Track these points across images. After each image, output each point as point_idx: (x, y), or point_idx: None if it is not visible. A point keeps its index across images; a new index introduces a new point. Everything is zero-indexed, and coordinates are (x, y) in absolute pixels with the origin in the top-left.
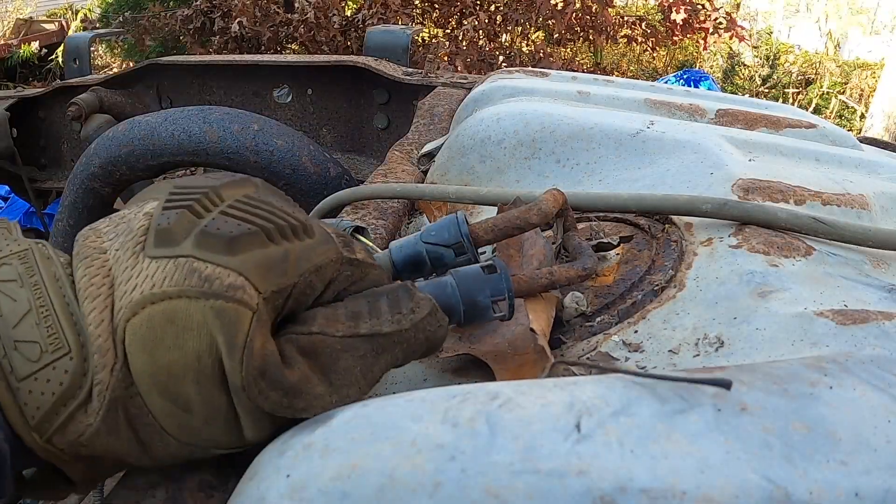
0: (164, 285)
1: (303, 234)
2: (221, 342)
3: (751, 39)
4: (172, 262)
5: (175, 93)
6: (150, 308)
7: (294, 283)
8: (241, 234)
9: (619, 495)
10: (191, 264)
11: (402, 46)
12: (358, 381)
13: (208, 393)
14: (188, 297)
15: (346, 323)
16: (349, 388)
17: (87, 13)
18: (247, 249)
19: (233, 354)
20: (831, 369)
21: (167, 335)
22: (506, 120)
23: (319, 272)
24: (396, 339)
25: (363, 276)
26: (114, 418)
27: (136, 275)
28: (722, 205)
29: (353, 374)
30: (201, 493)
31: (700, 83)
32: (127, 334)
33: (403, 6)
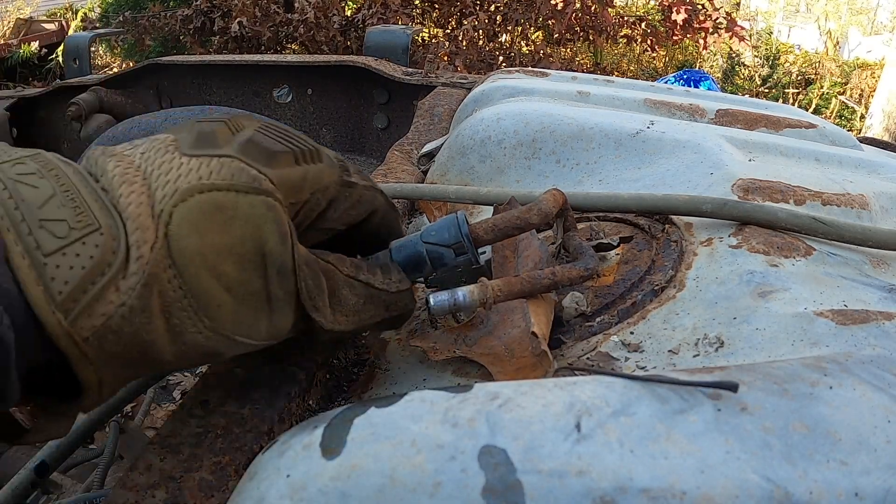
0: (212, 178)
1: (316, 159)
2: (272, 231)
3: (751, 39)
4: (217, 160)
5: (175, 93)
6: (199, 196)
7: (306, 200)
8: (279, 151)
9: (619, 495)
10: (238, 164)
11: (402, 46)
12: (349, 315)
13: (248, 275)
14: (237, 191)
15: (350, 268)
16: (342, 316)
17: (87, 13)
18: (281, 166)
19: (284, 241)
20: (831, 369)
21: (216, 220)
22: (506, 120)
23: (325, 192)
24: (382, 297)
25: (357, 197)
26: (147, 298)
27: (176, 168)
28: (722, 205)
29: (347, 306)
30: (201, 493)
31: (700, 83)
32: (174, 217)
33: (403, 6)
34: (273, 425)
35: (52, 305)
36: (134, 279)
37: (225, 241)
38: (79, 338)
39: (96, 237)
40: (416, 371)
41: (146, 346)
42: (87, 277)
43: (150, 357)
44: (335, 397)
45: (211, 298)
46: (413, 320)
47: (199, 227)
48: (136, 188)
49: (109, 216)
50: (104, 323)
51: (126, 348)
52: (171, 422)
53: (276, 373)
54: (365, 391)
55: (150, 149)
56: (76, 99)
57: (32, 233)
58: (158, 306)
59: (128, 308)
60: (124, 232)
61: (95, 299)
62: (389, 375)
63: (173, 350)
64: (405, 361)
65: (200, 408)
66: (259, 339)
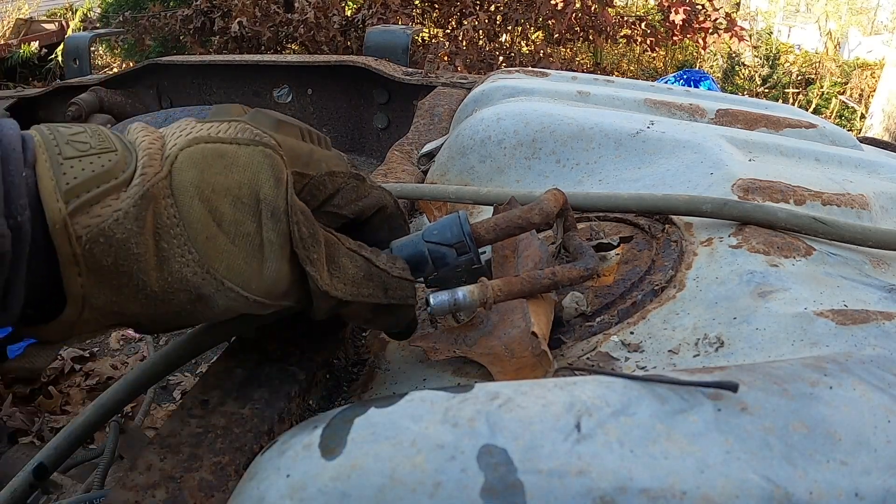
0: (220, 134)
1: (325, 145)
2: (267, 176)
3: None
4: (227, 123)
5: (175, 93)
6: (205, 145)
7: (312, 176)
8: (285, 121)
9: (619, 495)
10: (243, 125)
11: (402, 46)
12: (347, 283)
13: (241, 215)
14: (239, 144)
15: (353, 244)
16: (339, 283)
17: (87, 13)
18: (287, 133)
19: (279, 185)
20: (831, 369)
21: (216, 164)
22: (506, 120)
23: (332, 176)
24: (383, 278)
25: (367, 192)
26: (142, 209)
27: (190, 127)
28: (722, 205)
29: (347, 275)
30: (201, 493)
31: (700, 83)
32: (179, 157)
33: (403, 6)
34: (273, 425)
35: (58, 193)
36: (134, 190)
37: (223, 182)
38: (73, 232)
39: (111, 155)
40: (416, 371)
41: (134, 262)
42: (94, 180)
43: (137, 282)
44: (335, 397)
45: (201, 229)
46: None
47: (199, 165)
48: (153, 136)
49: (126, 149)
50: (98, 224)
51: (115, 262)
52: (171, 422)
53: (276, 373)
54: (365, 391)
55: (176, 123)
56: (76, 99)
57: (59, 145)
58: (151, 225)
59: (123, 213)
60: (136, 159)
61: (96, 199)
62: (389, 375)
63: (160, 278)
64: (405, 361)
65: (200, 408)
66: (250, 289)
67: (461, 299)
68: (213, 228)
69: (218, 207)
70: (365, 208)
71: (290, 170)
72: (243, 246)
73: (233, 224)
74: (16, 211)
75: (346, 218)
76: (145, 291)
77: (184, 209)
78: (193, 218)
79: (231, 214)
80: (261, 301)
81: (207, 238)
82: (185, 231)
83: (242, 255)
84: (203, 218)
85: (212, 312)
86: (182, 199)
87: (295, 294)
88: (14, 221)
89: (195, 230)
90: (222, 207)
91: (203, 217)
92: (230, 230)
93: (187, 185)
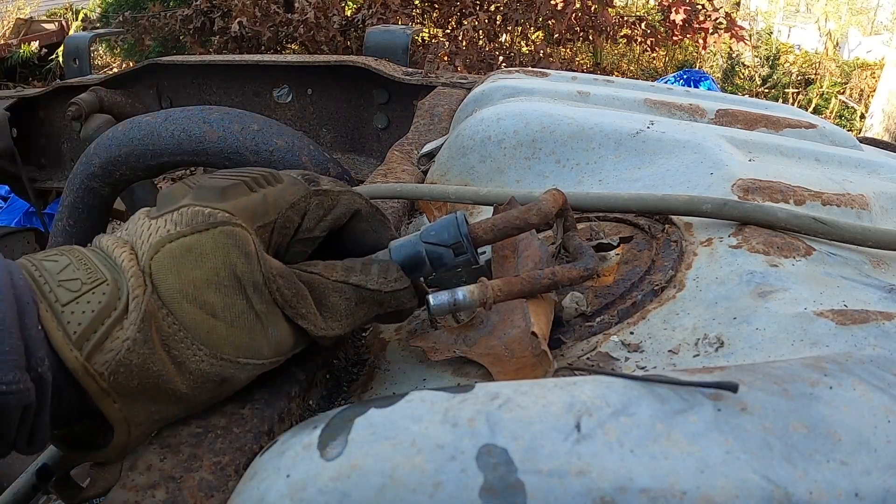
0: (176, 228)
1: (274, 181)
2: (237, 255)
3: (751, 39)
4: (177, 212)
5: (175, 93)
6: (168, 246)
7: (275, 220)
8: (229, 185)
9: (619, 495)
10: (192, 209)
11: (402, 46)
12: (342, 319)
13: (229, 298)
14: (198, 232)
15: (340, 272)
16: (334, 322)
17: (87, 13)
18: (234, 196)
19: (250, 260)
20: (831, 369)
21: (188, 260)
22: (506, 120)
23: (294, 207)
24: (376, 297)
25: (335, 201)
26: (147, 332)
27: (147, 230)
28: (722, 205)
29: (339, 312)
30: (201, 493)
31: (700, 83)
32: (153, 267)
33: (403, 6)
34: (273, 425)
35: (70, 343)
36: (134, 315)
37: (200, 275)
38: (95, 372)
39: (104, 287)
40: (416, 371)
41: (157, 377)
42: (97, 318)
43: (165, 390)
44: (335, 397)
45: (200, 326)
46: (413, 320)
47: (174, 269)
48: (126, 251)
49: (113, 272)
50: (114, 357)
51: (141, 382)
52: (171, 421)
53: (276, 373)
54: (365, 391)
55: (130, 223)
56: (76, 99)
57: (53, 291)
58: (159, 341)
59: (131, 341)
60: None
61: (105, 336)
62: (389, 375)
63: (184, 381)
64: (405, 361)
65: None
66: (263, 356)
67: (461, 299)
68: (211, 321)
69: (206, 300)
70: (336, 219)
71: (252, 232)
72: (242, 325)
73: (225, 309)
74: (36, 363)
75: (321, 238)
76: (177, 394)
77: (179, 315)
78: (190, 320)
79: (220, 301)
80: (276, 360)
81: (209, 332)
82: (187, 334)
83: (245, 333)
84: (198, 317)
85: (239, 384)
86: (174, 307)
87: (303, 341)
88: (35, 374)
89: (196, 330)
90: (210, 299)
91: (198, 316)
92: (225, 316)
93: (173, 292)
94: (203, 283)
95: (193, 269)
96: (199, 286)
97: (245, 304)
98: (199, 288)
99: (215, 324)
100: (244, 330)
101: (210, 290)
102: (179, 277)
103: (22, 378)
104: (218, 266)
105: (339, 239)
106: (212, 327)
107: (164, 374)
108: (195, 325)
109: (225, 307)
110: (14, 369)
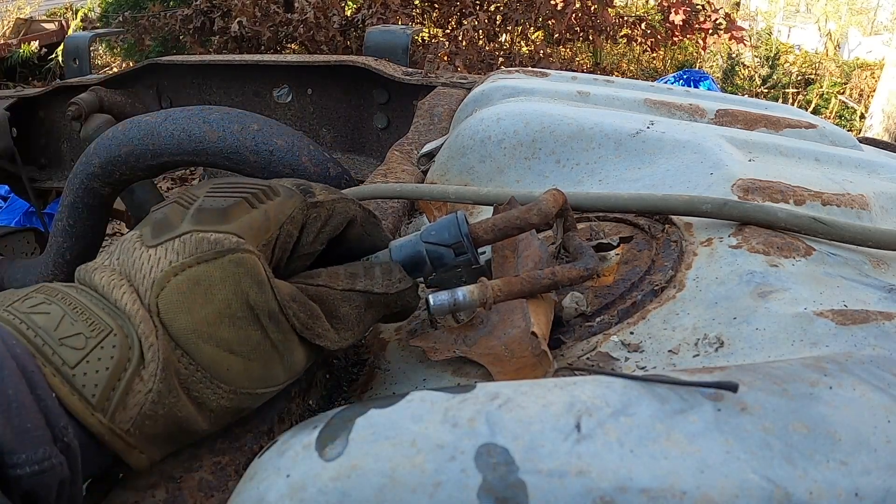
0: (179, 259)
1: (272, 195)
2: (249, 284)
3: (750, 40)
4: (178, 241)
5: (175, 93)
6: (174, 280)
7: (277, 235)
8: (230, 205)
9: (619, 495)
10: (196, 236)
11: (402, 46)
12: (353, 327)
13: (244, 331)
14: (205, 261)
15: (345, 280)
16: (347, 332)
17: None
18: (238, 216)
19: (263, 288)
20: (831, 369)
21: (197, 294)
22: (506, 120)
23: (293, 221)
24: (383, 300)
25: (331, 212)
26: (169, 380)
27: (146, 262)
28: (722, 205)
29: (350, 320)
30: (201, 493)
31: (700, 83)
32: (161, 306)
33: (403, 6)
34: (273, 425)
35: (90, 409)
36: (153, 366)
37: (212, 310)
38: (120, 431)
39: (112, 339)
40: (416, 371)
41: (181, 421)
42: (114, 374)
43: (188, 430)
44: (335, 397)
45: (219, 365)
46: (413, 320)
47: (184, 306)
48: (126, 289)
49: (117, 318)
50: (139, 412)
51: (165, 428)
52: None
53: None
54: (365, 391)
55: (122, 252)
56: (76, 99)
57: (56, 352)
58: (177, 384)
59: (155, 393)
60: (133, 328)
61: (126, 392)
62: (389, 375)
63: (205, 419)
64: (405, 361)
65: None
66: (280, 382)
67: (461, 299)
68: (229, 358)
69: (221, 337)
70: (334, 230)
71: (260, 255)
72: (259, 356)
73: (241, 343)
74: (61, 433)
75: (320, 250)
76: (197, 431)
77: (196, 357)
78: (207, 360)
79: (235, 336)
80: (292, 380)
81: (228, 369)
82: (206, 374)
83: (262, 364)
84: (215, 355)
85: (253, 408)
86: (189, 348)
87: (316, 355)
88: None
89: (215, 369)
90: (225, 335)
91: (215, 354)
92: (242, 350)
93: (187, 332)
94: (216, 318)
95: (205, 305)
96: (213, 322)
97: (260, 335)
98: (212, 325)
99: (233, 360)
100: (260, 362)
101: (224, 326)
102: (191, 316)
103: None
104: (230, 297)
105: (336, 245)
106: (230, 364)
107: (188, 416)
108: (213, 364)
109: (240, 341)
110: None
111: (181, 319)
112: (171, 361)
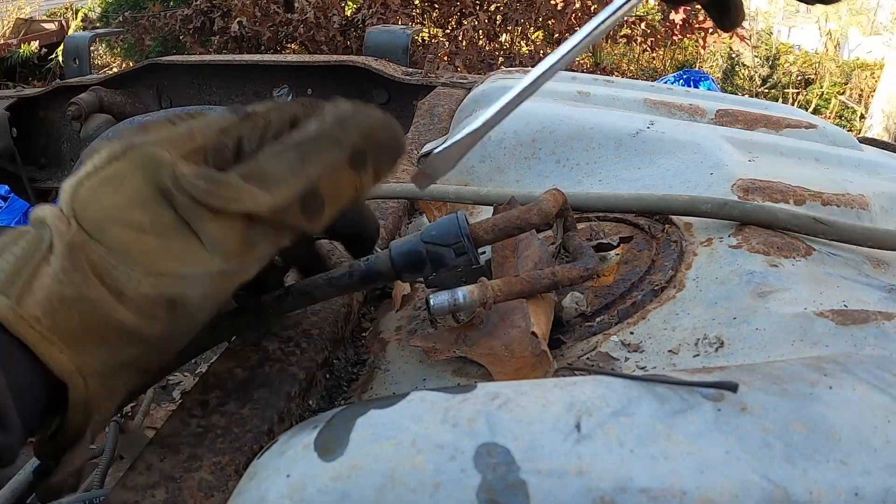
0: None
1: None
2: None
3: (751, 39)
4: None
5: (175, 93)
6: (87, 182)
7: (205, 145)
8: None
9: (619, 495)
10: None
11: (402, 46)
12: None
13: (154, 211)
14: (116, 160)
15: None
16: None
17: (87, 13)
18: (155, 130)
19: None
20: (831, 369)
21: (109, 188)
22: (506, 120)
23: (225, 132)
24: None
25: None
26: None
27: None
28: (722, 205)
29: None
30: (201, 493)
31: (700, 83)
32: (76, 208)
33: (403, 6)
34: (273, 425)
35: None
36: (59, 248)
37: (123, 198)
38: (29, 317)
39: (27, 237)
40: (416, 371)
41: (98, 309)
42: (19, 263)
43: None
44: (335, 397)
45: (132, 246)
46: (413, 320)
47: (96, 201)
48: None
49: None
50: (47, 295)
51: (82, 318)
52: (171, 422)
53: (276, 373)
54: (365, 391)
55: None
56: (76, 99)
57: None
58: (92, 273)
59: (60, 270)
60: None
61: (32, 276)
62: (389, 375)
63: (127, 310)
64: (405, 361)
65: (200, 408)
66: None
67: (461, 299)
68: (142, 238)
69: (133, 219)
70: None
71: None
72: (173, 234)
73: (153, 223)
74: None
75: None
76: (125, 328)
77: (107, 241)
78: (118, 242)
79: (147, 217)
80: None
81: (142, 252)
82: (119, 259)
83: (178, 241)
84: (127, 236)
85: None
86: (100, 235)
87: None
88: None
89: (127, 251)
90: (136, 217)
91: (126, 235)
92: (154, 228)
93: (98, 221)
94: (127, 204)
95: (115, 195)
96: (124, 208)
97: (172, 215)
98: (123, 210)
99: (147, 239)
100: (176, 239)
101: (136, 209)
102: (102, 206)
103: None
104: (139, 185)
105: None
106: (144, 244)
107: (105, 304)
108: (126, 245)
109: (153, 221)
110: None
111: (92, 211)
112: (79, 247)
